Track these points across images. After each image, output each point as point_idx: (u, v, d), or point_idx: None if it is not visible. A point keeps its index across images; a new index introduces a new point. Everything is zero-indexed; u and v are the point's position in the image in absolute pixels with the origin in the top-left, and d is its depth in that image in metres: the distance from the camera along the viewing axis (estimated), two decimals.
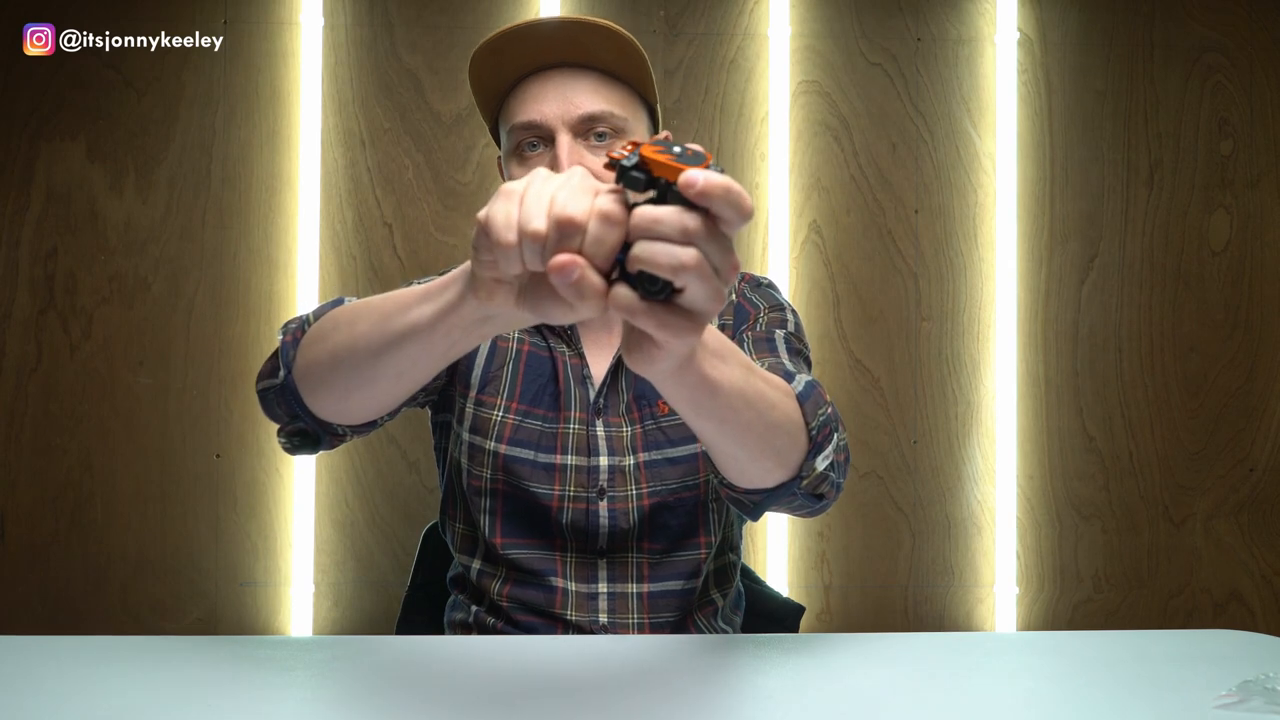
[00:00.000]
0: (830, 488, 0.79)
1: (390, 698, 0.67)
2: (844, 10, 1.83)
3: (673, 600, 0.99)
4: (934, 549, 1.83)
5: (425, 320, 0.63)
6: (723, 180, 0.46)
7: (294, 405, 0.79)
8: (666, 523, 0.99)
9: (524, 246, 0.49)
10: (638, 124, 0.99)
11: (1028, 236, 1.85)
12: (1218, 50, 1.86)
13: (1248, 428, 1.86)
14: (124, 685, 0.68)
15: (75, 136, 1.74)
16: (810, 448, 0.76)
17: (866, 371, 1.82)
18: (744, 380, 0.68)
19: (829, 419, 0.78)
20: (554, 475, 0.98)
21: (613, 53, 0.95)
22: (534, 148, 0.95)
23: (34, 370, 1.73)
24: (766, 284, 1.09)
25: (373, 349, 0.68)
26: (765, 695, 0.69)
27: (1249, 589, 1.86)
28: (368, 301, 0.73)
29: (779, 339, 0.97)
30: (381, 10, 1.77)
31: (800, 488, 0.76)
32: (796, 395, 0.77)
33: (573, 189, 0.49)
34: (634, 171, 0.48)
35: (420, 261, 1.78)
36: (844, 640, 0.85)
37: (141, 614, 1.74)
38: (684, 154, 0.47)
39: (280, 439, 0.83)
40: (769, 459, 0.74)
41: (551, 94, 0.94)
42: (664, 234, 0.47)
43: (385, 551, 1.76)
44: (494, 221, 0.50)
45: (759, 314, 1.02)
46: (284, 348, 0.80)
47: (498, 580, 1.00)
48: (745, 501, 0.79)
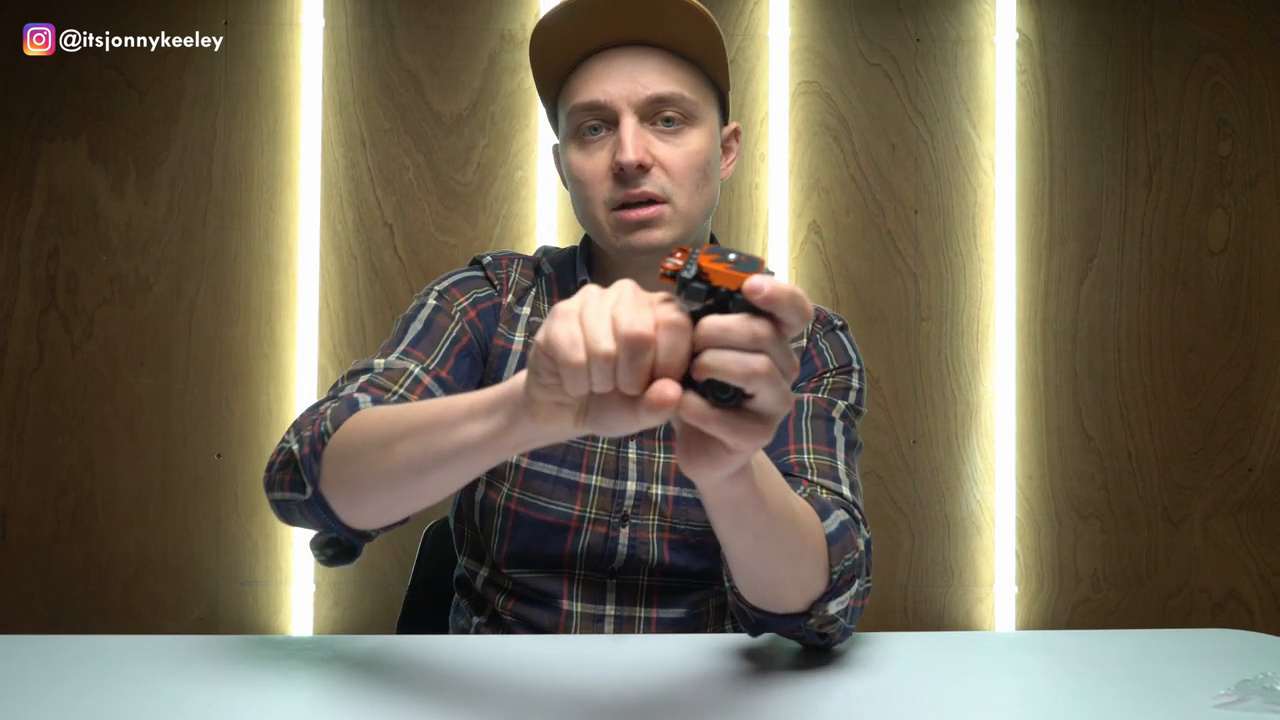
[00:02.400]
0: (838, 631, 0.75)
1: (390, 698, 0.67)
2: (844, 11, 1.83)
3: (681, 627, 0.95)
4: (933, 549, 1.83)
5: (474, 441, 0.60)
6: (788, 287, 0.47)
7: (325, 518, 0.74)
8: (687, 564, 0.94)
9: (593, 368, 0.48)
10: (708, 110, 0.92)
11: (1027, 236, 1.85)
12: (1216, 51, 1.86)
13: (1246, 427, 1.86)
14: (124, 685, 0.68)
15: (76, 137, 1.74)
16: (828, 589, 0.73)
17: (866, 371, 1.82)
18: (783, 501, 0.66)
19: (854, 564, 0.75)
20: (575, 494, 0.92)
21: (686, 29, 0.87)
22: (596, 131, 0.89)
23: (35, 370, 1.74)
24: (840, 326, 1.03)
25: (414, 468, 0.65)
26: (766, 695, 0.69)
27: (1247, 588, 1.86)
28: (399, 412, 0.68)
29: (838, 423, 0.92)
30: (382, 11, 1.77)
31: (807, 624, 0.73)
32: (827, 535, 0.74)
33: (630, 304, 0.48)
34: (695, 283, 0.48)
35: (420, 261, 1.78)
36: (844, 640, 0.85)
37: (142, 613, 1.74)
38: (739, 261, 0.48)
39: (314, 552, 0.77)
40: (788, 588, 0.71)
41: (617, 73, 0.87)
42: (734, 342, 0.47)
43: (385, 551, 1.76)
44: (558, 343, 0.48)
45: (825, 372, 0.97)
46: (305, 461, 0.73)
47: (502, 594, 0.96)
48: (750, 617, 0.75)
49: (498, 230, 1.79)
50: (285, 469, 0.75)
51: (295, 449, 0.74)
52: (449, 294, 0.95)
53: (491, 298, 0.97)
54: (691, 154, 0.89)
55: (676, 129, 0.88)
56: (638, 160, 0.85)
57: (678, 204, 0.88)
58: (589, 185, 0.89)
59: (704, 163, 0.90)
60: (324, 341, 1.77)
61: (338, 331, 1.77)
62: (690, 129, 0.89)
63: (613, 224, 0.89)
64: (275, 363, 1.76)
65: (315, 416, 0.76)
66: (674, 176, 0.88)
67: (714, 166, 0.93)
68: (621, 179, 0.87)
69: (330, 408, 0.76)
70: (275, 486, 0.76)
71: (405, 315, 0.94)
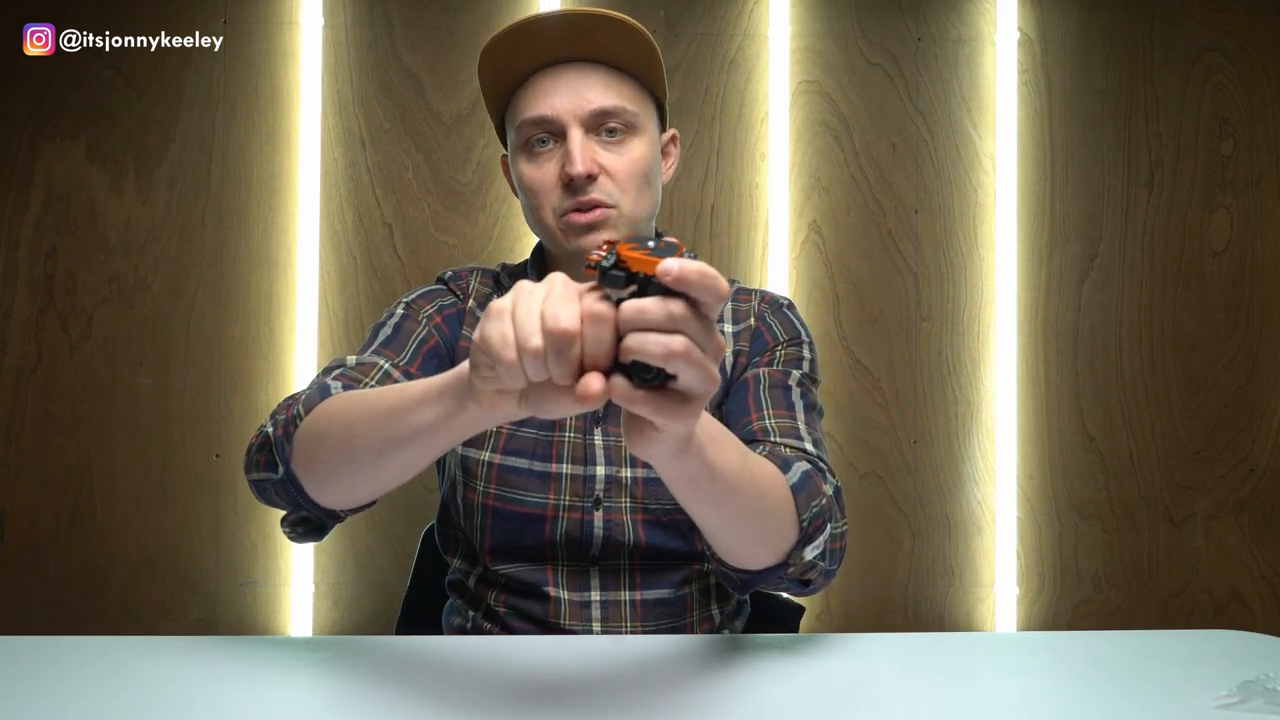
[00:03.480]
0: (819, 575, 0.80)
1: (390, 698, 0.67)
2: (844, 10, 1.83)
3: (666, 608, 0.98)
4: (934, 549, 1.83)
5: (427, 424, 0.64)
6: (697, 265, 0.48)
7: (296, 495, 0.79)
8: (663, 543, 0.97)
9: (525, 362, 0.51)
10: (648, 120, 0.98)
11: (1028, 236, 1.85)
12: (1218, 50, 1.86)
13: (1248, 427, 1.86)
14: (124, 685, 0.68)
15: (75, 136, 1.74)
16: (800, 538, 0.77)
17: (866, 371, 1.82)
18: (740, 466, 0.69)
19: (823, 510, 0.79)
20: (549, 484, 0.97)
21: (625, 46, 0.94)
22: (544, 144, 0.94)
23: (34, 370, 1.73)
24: (786, 305, 1.07)
25: (375, 449, 0.69)
26: (765, 695, 0.69)
27: (1249, 589, 1.86)
28: (362, 397, 0.74)
29: (795, 389, 0.96)
30: (381, 10, 1.77)
31: (787, 574, 0.77)
32: (790, 486, 0.77)
33: (558, 298, 0.51)
34: (613, 270, 0.50)
35: (420, 261, 1.78)
36: (844, 640, 0.85)
37: (141, 614, 1.74)
38: (658, 248, 0.50)
39: (285, 529, 0.84)
40: (759, 545, 0.75)
41: (563, 89, 0.93)
42: (651, 323, 0.49)
43: (385, 552, 1.76)
44: (491, 343, 0.52)
45: (777, 345, 1.01)
46: (278, 442, 0.79)
47: (494, 589, 1.00)
48: (734, 578, 0.79)
49: (497, 230, 1.79)
50: (262, 450, 0.81)
51: (270, 431, 0.80)
52: (416, 304, 1.03)
53: (455, 304, 1.04)
54: (635, 161, 0.95)
55: (620, 139, 0.95)
56: (586, 171, 0.92)
57: (623, 208, 0.95)
58: (539, 194, 0.96)
59: (646, 169, 0.97)
60: (323, 341, 1.76)
61: (337, 331, 1.77)
62: (632, 138, 0.96)
63: (563, 228, 0.95)
64: (274, 363, 1.76)
65: (290, 402, 0.82)
66: (619, 183, 0.94)
67: (655, 171, 0.99)
68: (571, 188, 0.93)
69: (304, 395, 0.82)
70: (252, 468, 0.82)
71: (376, 324, 1.02)
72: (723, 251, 1.82)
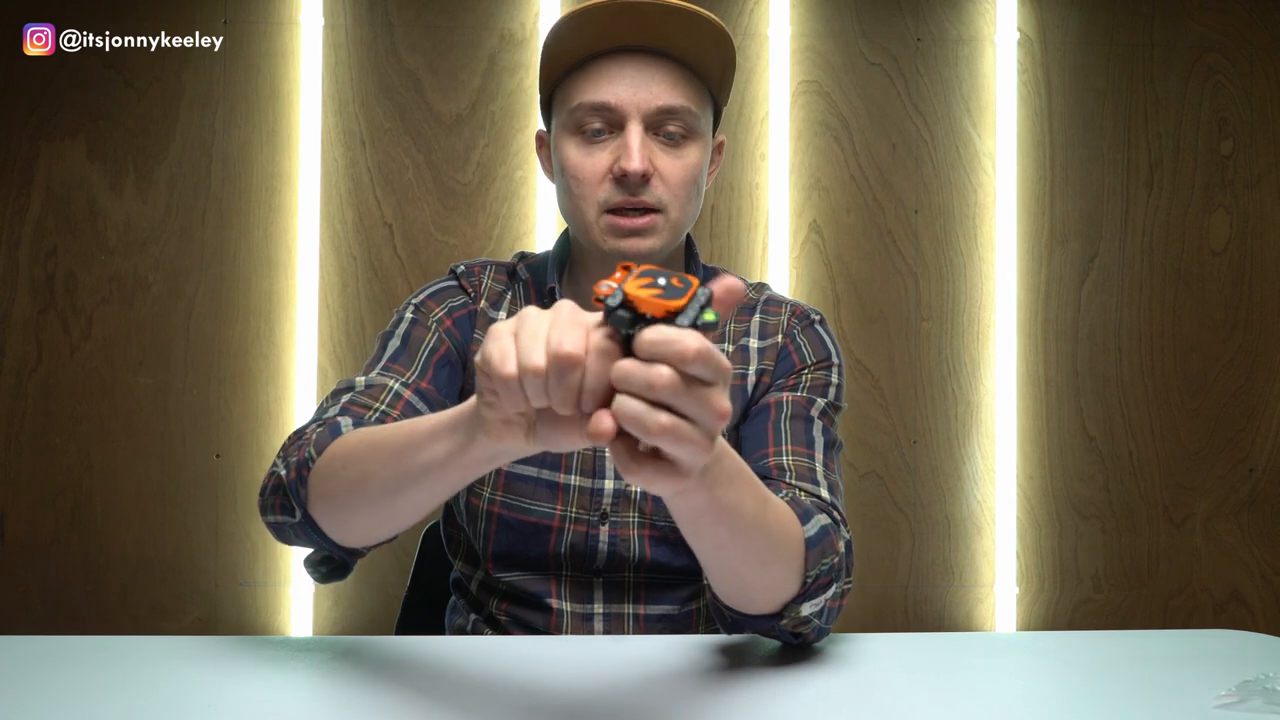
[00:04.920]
0: (812, 632, 0.76)
1: (390, 698, 0.67)
2: (844, 10, 1.83)
3: (670, 624, 0.96)
4: (934, 549, 1.83)
5: (438, 460, 0.62)
6: (676, 337, 0.45)
7: (315, 537, 0.78)
8: (669, 560, 0.95)
9: (525, 382, 0.49)
10: (706, 125, 0.93)
11: (1028, 236, 1.85)
12: (1218, 50, 1.86)
13: (1248, 428, 1.86)
14: (124, 685, 0.68)
15: (75, 136, 1.74)
16: (801, 592, 0.73)
17: (866, 371, 1.82)
18: (755, 511, 0.65)
19: (832, 569, 0.76)
20: (556, 494, 0.94)
21: (702, 43, 0.88)
22: (600, 134, 0.89)
23: (34, 370, 1.73)
24: (818, 320, 1.02)
25: (388, 489, 0.68)
26: (765, 695, 0.69)
27: (1249, 589, 1.86)
28: (373, 435, 0.72)
29: (817, 422, 0.92)
30: (381, 10, 1.77)
31: (779, 624, 0.74)
32: (805, 539, 0.74)
33: (564, 324, 0.49)
34: (619, 311, 0.47)
35: (420, 261, 1.78)
36: (844, 640, 0.85)
37: (141, 614, 1.74)
38: (669, 287, 0.47)
39: (308, 569, 0.83)
40: (758, 592, 0.72)
41: (628, 78, 0.87)
42: (634, 389, 0.46)
43: (385, 552, 1.76)
44: (490, 358, 0.50)
45: (804, 368, 0.97)
46: (291, 486, 0.77)
47: (496, 596, 0.99)
48: (725, 615, 0.76)
49: (497, 230, 1.79)
50: (276, 494, 0.79)
51: (283, 474, 0.78)
52: (424, 306, 0.98)
53: (466, 305, 1.00)
54: (689, 167, 0.91)
55: (677, 143, 0.90)
56: (643, 170, 0.87)
57: (671, 215, 0.90)
58: (585, 184, 0.90)
59: (698, 176, 0.92)
60: (323, 341, 1.76)
61: (337, 331, 1.77)
62: (690, 143, 0.91)
63: (604, 226, 0.90)
64: (274, 363, 1.76)
65: (301, 442, 0.80)
66: (671, 188, 0.90)
67: (704, 179, 0.95)
68: (623, 184, 0.88)
69: (315, 432, 0.79)
70: (268, 510, 0.81)
71: (385, 332, 0.97)
72: (723, 251, 1.82)
